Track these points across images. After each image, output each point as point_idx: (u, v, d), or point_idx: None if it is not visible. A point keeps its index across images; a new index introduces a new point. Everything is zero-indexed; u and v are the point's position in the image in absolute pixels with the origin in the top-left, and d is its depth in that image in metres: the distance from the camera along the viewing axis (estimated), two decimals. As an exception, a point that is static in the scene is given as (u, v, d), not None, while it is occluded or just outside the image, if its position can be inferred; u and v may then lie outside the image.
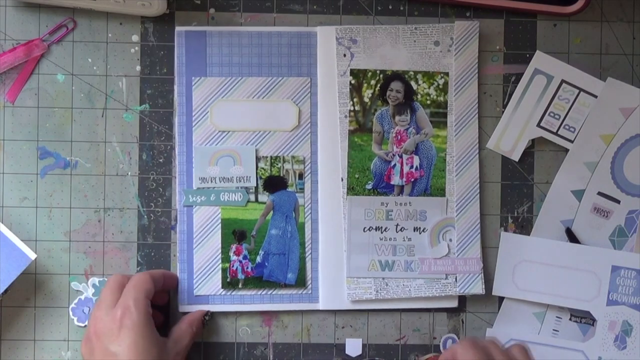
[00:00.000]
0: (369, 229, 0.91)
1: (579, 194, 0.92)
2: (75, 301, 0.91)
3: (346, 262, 0.91)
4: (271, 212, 0.91)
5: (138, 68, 0.91)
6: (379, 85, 0.91)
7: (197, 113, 0.91)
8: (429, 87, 0.91)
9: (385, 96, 0.91)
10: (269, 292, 0.91)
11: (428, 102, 0.91)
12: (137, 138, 0.91)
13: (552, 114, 0.92)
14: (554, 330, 0.91)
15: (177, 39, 0.91)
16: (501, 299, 0.92)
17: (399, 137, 0.91)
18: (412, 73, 0.91)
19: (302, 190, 0.92)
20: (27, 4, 0.90)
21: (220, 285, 0.91)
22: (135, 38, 0.91)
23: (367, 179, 0.91)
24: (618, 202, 0.91)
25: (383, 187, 0.91)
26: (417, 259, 0.91)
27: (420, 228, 0.91)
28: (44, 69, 0.91)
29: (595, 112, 0.91)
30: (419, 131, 0.91)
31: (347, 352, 0.92)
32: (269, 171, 0.91)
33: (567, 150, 0.92)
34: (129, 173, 0.91)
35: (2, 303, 0.91)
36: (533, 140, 0.92)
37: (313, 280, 0.91)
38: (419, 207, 0.91)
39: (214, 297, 0.91)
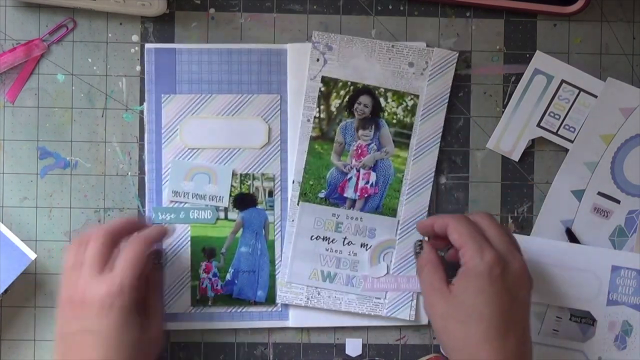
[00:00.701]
0: (316, 238, 0.90)
1: (579, 194, 0.92)
2: (75, 301, 0.91)
3: (289, 266, 0.90)
4: (241, 230, 0.91)
5: (138, 68, 0.91)
6: (347, 96, 0.91)
7: (167, 130, 0.90)
8: (397, 107, 0.91)
9: (352, 108, 0.91)
10: (239, 310, 0.91)
11: (394, 121, 0.91)
12: (137, 138, 0.91)
13: (552, 114, 0.92)
14: (554, 330, 0.91)
15: (146, 56, 0.90)
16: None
17: (360, 151, 0.91)
18: (382, 90, 0.91)
19: (272, 207, 0.91)
20: (27, 4, 0.90)
21: (190, 303, 0.90)
22: (135, 38, 0.91)
23: (320, 187, 0.91)
24: (618, 202, 0.91)
25: (335, 198, 0.91)
26: (359, 275, 0.91)
27: (367, 245, 0.91)
28: (44, 69, 0.91)
29: (595, 112, 0.91)
30: (380, 148, 0.91)
31: (347, 352, 0.92)
32: (238, 188, 0.91)
33: (567, 150, 0.92)
34: (129, 173, 0.91)
35: (2, 303, 0.91)
36: (533, 140, 0.92)
37: None
38: (370, 224, 0.91)
39: (183, 315, 0.90)
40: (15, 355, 0.91)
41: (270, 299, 0.91)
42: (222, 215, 0.91)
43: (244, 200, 0.91)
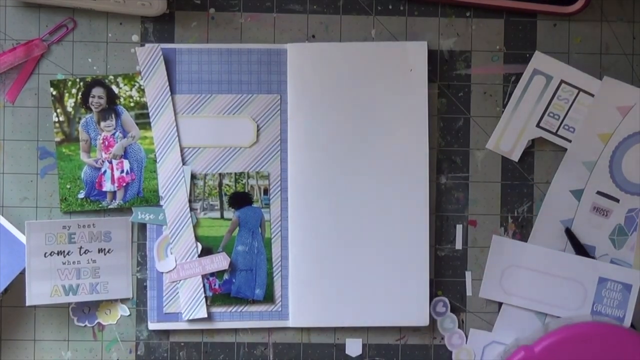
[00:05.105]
0: (50, 254, 0.88)
1: (578, 194, 0.92)
2: (76, 301, 0.91)
3: (26, 289, 0.88)
4: (237, 229, 0.91)
5: (138, 68, 0.91)
6: (80, 93, 0.90)
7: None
8: (131, 89, 0.90)
9: (87, 103, 0.90)
10: (239, 310, 0.91)
11: (132, 104, 0.91)
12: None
13: (551, 114, 0.92)
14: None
15: None
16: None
17: (107, 142, 0.90)
18: (112, 77, 0.90)
19: (267, 205, 0.91)
20: (27, 4, 0.90)
21: None
22: (135, 38, 0.91)
23: (78, 189, 0.90)
24: (617, 200, 0.92)
25: (95, 194, 0.90)
26: (102, 281, 0.89)
27: (105, 249, 0.90)
28: (44, 69, 0.91)
29: (593, 111, 0.91)
30: (126, 135, 0.91)
31: (347, 352, 0.92)
32: (233, 187, 0.91)
33: (566, 150, 0.92)
34: (129, 173, 0.91)
35: (2, 303, 0.91)
36: (533, 141, 0.93)
37: (283, 298, 0.91)
38: (103, 228, 0.90)
39: (183, 315, 0.91)
40: (15, 355, 0.91)
41: (269, 297, 0.91)
42: (217, 214, 0.91)
43: (239, 199, 0.91)
